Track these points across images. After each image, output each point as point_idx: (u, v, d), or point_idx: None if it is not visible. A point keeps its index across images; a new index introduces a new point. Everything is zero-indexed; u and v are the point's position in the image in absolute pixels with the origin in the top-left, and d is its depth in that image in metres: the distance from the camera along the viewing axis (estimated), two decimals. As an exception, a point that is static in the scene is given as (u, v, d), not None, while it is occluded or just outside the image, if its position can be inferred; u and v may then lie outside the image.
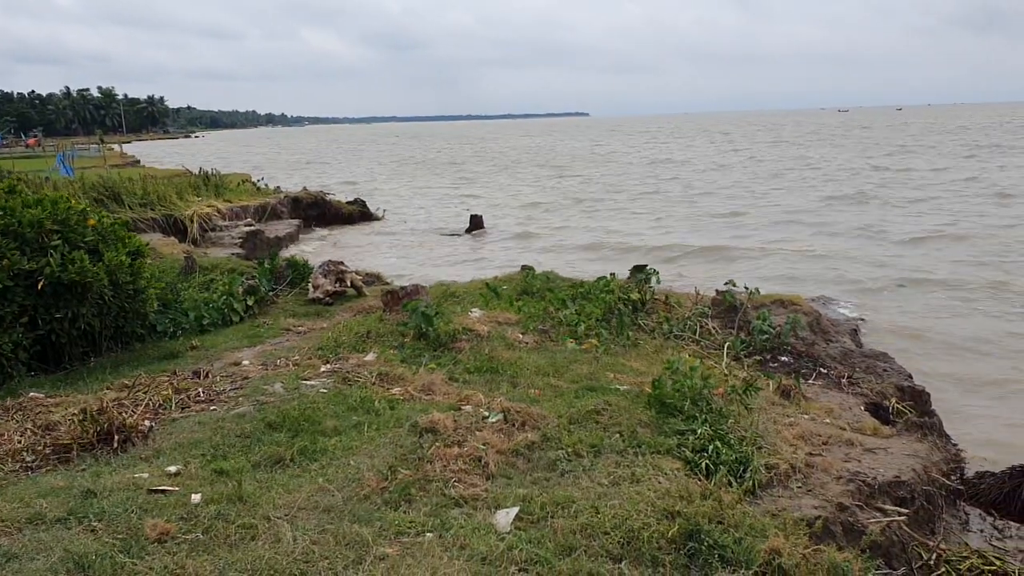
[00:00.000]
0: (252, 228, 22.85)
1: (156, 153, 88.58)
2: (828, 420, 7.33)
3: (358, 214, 31.83)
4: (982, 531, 6.86)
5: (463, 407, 6.47)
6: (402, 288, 9.72)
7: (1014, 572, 5.42)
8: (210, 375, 7.54)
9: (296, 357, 8.16)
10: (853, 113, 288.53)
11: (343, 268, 12.37)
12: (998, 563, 5.53)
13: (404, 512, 4.69)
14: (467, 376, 7.54)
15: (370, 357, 7.95)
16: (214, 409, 6.52)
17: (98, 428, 5.70)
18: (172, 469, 5.21)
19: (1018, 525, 6.92)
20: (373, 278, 14.73)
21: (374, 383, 7.14)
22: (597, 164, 62.54)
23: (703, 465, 5.51)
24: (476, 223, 29.03)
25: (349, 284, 12.15)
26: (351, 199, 33.83)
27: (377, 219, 32.11)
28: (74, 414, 5.99)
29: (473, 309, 9.92)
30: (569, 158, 70.61)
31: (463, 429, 5.86)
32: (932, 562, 5.49)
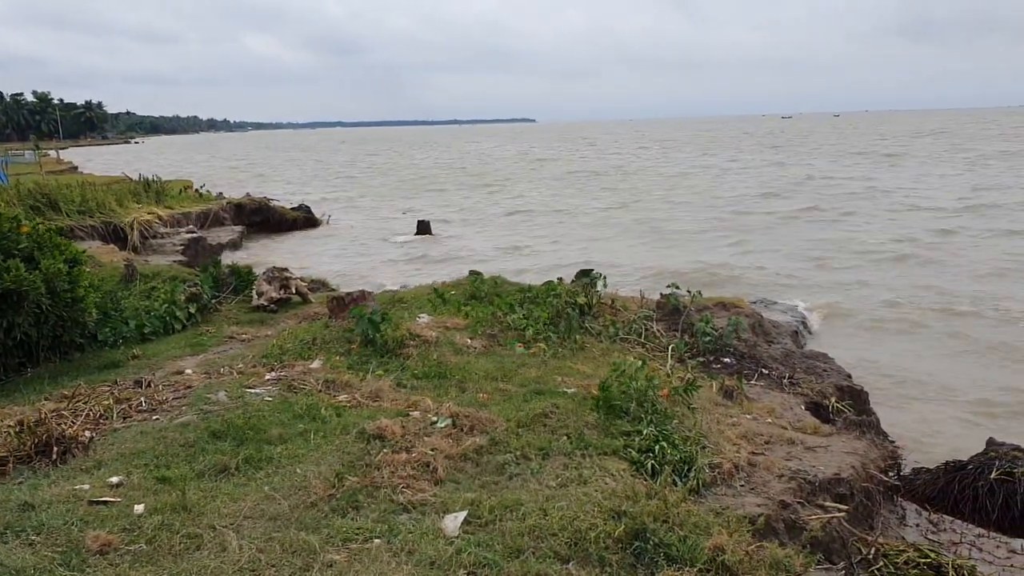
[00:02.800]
0: (194, 235, 22.56)
1: (96, 159, 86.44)
2: (770, 420, 7.48)
3: (303, 220, 31.58)
4: (918, 525, 7.08)
5: (411, 413, 6.47)
6: (348, 294, 9.64)
7: (948, 564, 5.60)
8: (152, 384, 7.40)
9: (240, 365, 8.06)
10: (796, 119, 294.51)
11: (288, 275, 12.25)
12: (933, 555, 5.72)
13: (352, 519, 4.67)
14: (415, 382, 7.52)
15: (316, 364, 7.89)
16: (157, 419, 6.40)
17: (36, 440, 5.56)
18: (114, 480, 5.12)
19: (951, 519, 7.15)
20: (318, 284, 14.63)
21: (320, 390, 7.08)
22: (543, 172, 62.80)
23: (649, 465, 5.60)
24: (423, 229, 28.97)
25: (294, 291, 12.04)
26: (295, 205, 33.52)
27: (322, 225, 31.85)
28: (10, 426, 5.83)
29: (421, 315, 9.89)
30: (521, 166, 70.77)
31: (411, 435, 5.86)
32: (871, 556, 5.65)
